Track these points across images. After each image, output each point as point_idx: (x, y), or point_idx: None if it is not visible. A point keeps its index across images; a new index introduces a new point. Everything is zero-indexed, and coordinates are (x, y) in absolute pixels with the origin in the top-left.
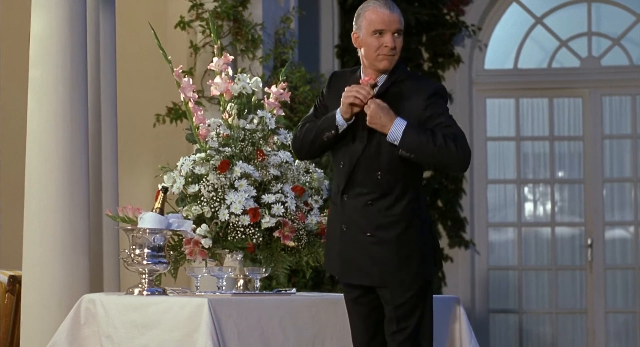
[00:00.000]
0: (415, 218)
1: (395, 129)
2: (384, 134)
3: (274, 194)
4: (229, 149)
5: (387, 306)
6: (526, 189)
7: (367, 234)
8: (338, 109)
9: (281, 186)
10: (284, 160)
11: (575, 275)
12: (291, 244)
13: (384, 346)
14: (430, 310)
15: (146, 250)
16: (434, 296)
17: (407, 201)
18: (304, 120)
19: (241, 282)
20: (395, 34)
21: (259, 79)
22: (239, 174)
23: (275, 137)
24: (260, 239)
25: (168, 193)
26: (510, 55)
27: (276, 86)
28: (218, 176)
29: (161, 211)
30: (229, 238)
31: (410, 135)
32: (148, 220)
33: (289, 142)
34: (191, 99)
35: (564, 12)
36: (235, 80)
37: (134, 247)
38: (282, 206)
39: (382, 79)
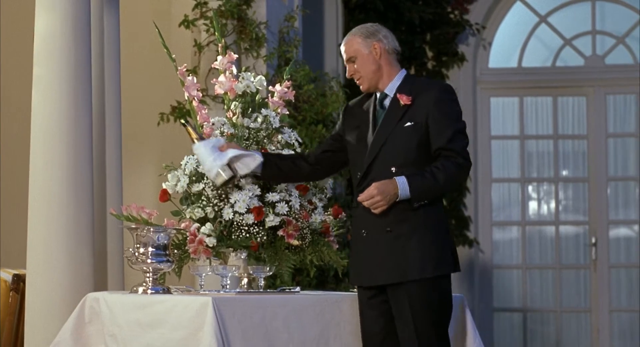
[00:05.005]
0: (432, 206)
1: (402, 188)
2: (391, 133)
3: (278, 192)
4: None
5: (409, 298)
6: (530, 188)
7: (387, 230)
8: None
9: (286, 184)
10: None
11: (580, 274)
12: (295, 242)
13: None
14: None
15: (150, 249)
16: None
17: None
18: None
19: (245, 280)
20: (350, 62)
21: (263, 78)
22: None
23: (280, 136)
24: (265, 237)
25: (172, 192)
26: (514, 54)
27: (280, 85)
28: None
29: (201, 137)
30: (233, 237)
31: (416, 187)
32: (202, 151)
33: (293, 141)
34: (195, 98)
35: (568, 10)
36: (239, 79)
37: (138, 245)
38: (286, 205)
39: (391, 88)
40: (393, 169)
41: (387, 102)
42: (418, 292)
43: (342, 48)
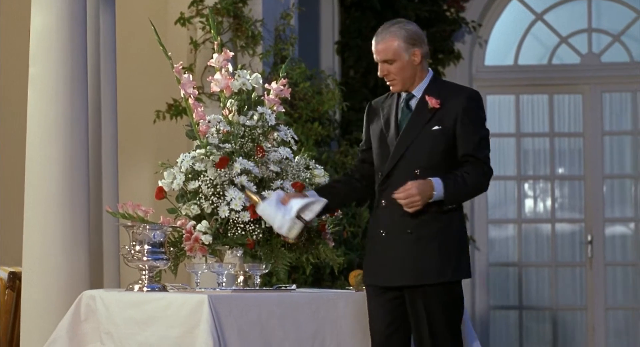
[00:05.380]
0: (454, 212)
1: (438, 189)
2: (417, 134)
3: (275, 190)
4: (229, 145)
5: (425, 300)
6: (526, 186)
7: (408, 232)
8: None
9: (281, 182)
10: (284, 157)
11: (576, 271)
12: (291, 240)
13: (403, 342)
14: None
15: (146, 246)
16: None
17: None
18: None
19: (241, 278)
20: (386, 63)
21: (259, 76)
22: (239, 171)
23: (275, 134)
24: (261, 235)
25: (168, 190)
26: (510, 52)
27: (276, 82)
28: (218, 172)
29: (261, 197)
30: (229, 234)
31: (450, 190)
32: (269, 210)
33: (289, 139)
34: (191, 96)
35: (564, 8)
36: (235, 77)
37: (134, 243)
38: None
39: (419, 90)
40: (417, 171)
41: (413, 103)
42: (434, 295)
43: (378, 46)
